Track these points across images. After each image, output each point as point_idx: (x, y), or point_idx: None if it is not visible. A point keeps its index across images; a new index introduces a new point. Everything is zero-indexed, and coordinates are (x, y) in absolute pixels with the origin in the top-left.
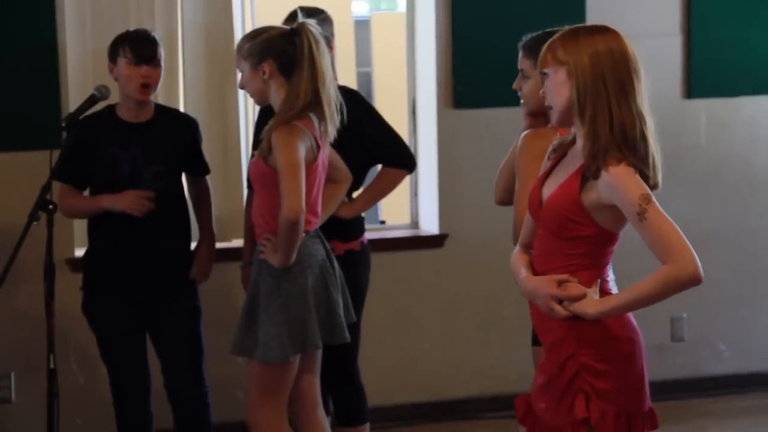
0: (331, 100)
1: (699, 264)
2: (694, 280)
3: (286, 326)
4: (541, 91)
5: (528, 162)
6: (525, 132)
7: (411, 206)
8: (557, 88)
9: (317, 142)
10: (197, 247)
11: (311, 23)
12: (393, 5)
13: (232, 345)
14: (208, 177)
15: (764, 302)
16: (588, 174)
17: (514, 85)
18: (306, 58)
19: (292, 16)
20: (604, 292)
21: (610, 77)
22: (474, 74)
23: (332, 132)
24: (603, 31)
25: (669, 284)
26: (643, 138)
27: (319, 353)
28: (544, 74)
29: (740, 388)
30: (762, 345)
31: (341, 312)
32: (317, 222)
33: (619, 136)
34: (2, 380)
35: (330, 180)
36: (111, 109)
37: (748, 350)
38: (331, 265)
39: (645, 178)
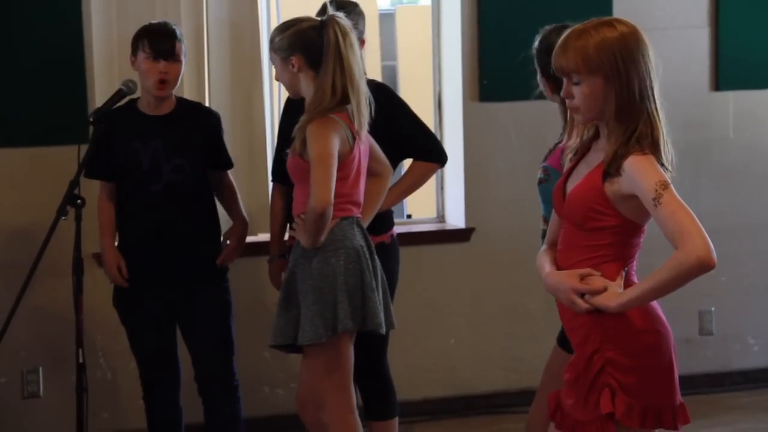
0: (361, 94)
1: (712, 249)
2: (704, 265)
3: (317, 306)
4: (563, 92)
5: None
6: None
7: (437, 200)
8: (594, 96)
9: (353, 134)
10: (229, 232)
11: (340, 15)
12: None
13: (271, 336)
14: (231, 171)
15: None
16: (611, 171)
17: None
18: (332, 51)
19: (323, 10)
20: (629, 285)
21: (634, 79)
22: (500, 67)
23: (365, 125)
24: (610, 25)
25: (680, 270)
26: (659, 135)
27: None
28: (570, 78)
29: None
30: None
31: (377, 299)
32: (358, 213)
33: (642, 136)
34: (31, 375)
35: (372, 173)
36: (132, 102)
37: None
38: (371, 256)
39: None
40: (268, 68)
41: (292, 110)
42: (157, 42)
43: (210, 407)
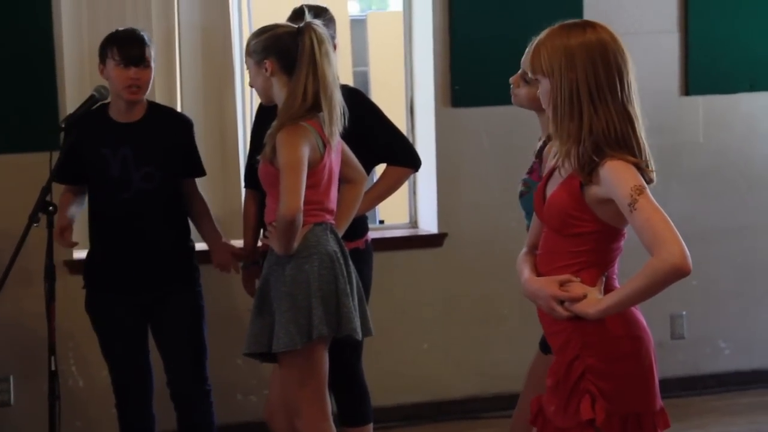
0: (334, 103)
1: (687, 255)
2: (679, 272)
3: (291, 313)
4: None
5: None
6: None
7: (410, 205)
8: (546, 98)
9: (324, 142)
10: (210, 247)
11: (317, 23)
12: (384, 5)
13: (246, 344)
14: (202, 179)
15: (764, 299)
16: (584, 182)
17: (511, 79)
18: (307, 58)
19: (296, 14)
20: (611, 290)
21: (584, 81)
22: (471, 72)
23: (336, 134)
24: (582, 27)
25: (655, 277)
26: (629, 134)
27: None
28: (536, 80)
29: (741, 385)
30: (762, 341)
31: (351, 304)
32: (332, 219)
33: (600, 139)
34: (1, 384)
35: (346, 180)
36: (103, 108)
37: (748, 347)
38: (345, 261)
39: (641, 173)
40: (240, 73)
41: (264, 116)
42: (126, 49)
43: (183, 412)
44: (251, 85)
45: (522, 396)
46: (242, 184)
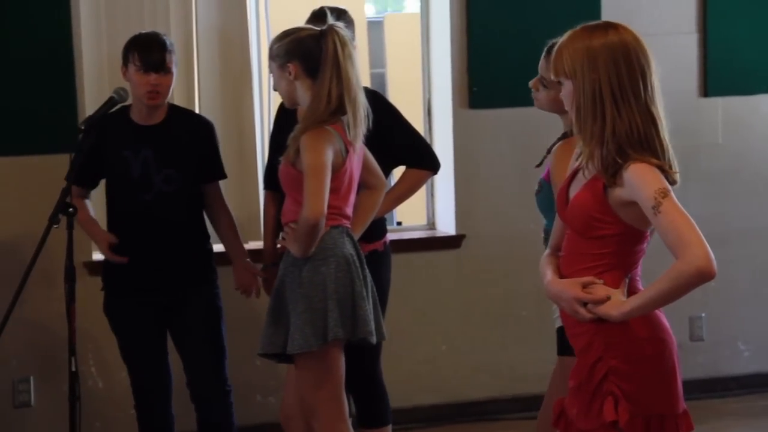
0: (359, 105)
1: (712, 259)
2: (704, 275)
3: (307, 315)
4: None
5: (561, 173)
6: (558, 144)
7: (428, 207)
8: (569, 100)
9: (346, 146)
10: (234, 266)
11: (339, 26)
12: (399, 7)
13: (261, 345)
14: (222, 182)
15: None
16: (608, 184)
17: (531, 84)
18: (330, 61)
19: (316, 16)
20: (634, 292)
21: (606, 82)
22: (489, 74)
23: (360, 137)
24: (604, 28)
25: (680, 280)
26: (652, 135)
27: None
28: (559, 82)
29: (761, 387)
30: None
31: (367, 307)
32: (348, 224)
33: (623, 141)
34: (22, 384)
35: (366, 186)
36: (124, 110)
37: (767, 349)
38: (361, 265)
39: (664, 174)
40: (257, 76)
41: (284, 118)
42: (148, 54)
43: (202, 413)
44: (275, 89)
45: (546, 398)
46: (260, 186)
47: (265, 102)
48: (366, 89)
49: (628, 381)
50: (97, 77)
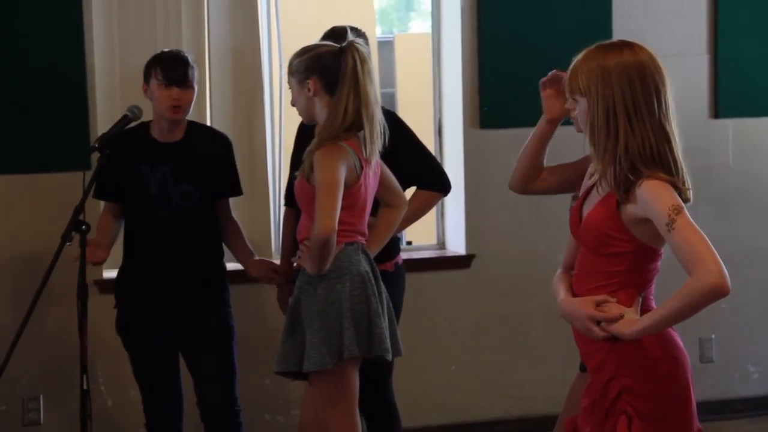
0: (375, 122)
1: (725, 275)
2: (718, 292)
3: (322, 333)
4: (574, 115)
5: None
6: None
7: (437, 226)
8: (583, 118)
9: (362, 163)
10: (244, 263)
11: (360, 42)
12: (405, 27)
13: (276, 362)
14: (233, 200)
15: None
16: (620, 201)
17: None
18: (349, 77)
19: (332, 35)
20: (647, 310)
21: (620, 99)
22: (500, 94)
23: (375, 153)
24: (620, 47)
25: (693, 297)
26: (665, 153)
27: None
28: (575, 99)
29: None
30: None
31: (383, 325)
32: (363, 241)
33: (636, 158)
34: (31, 403)
35: (386, 203)
36: (144, 126)
37: None
38: (377, 282)
39: (678, 191)
40: (269, 94)
41: (305, 135)
42: (170, 69)
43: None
44: (293, 104)
45: (560, 417)
46: (272, 204)
47: (276, 120)
48: (382, 108)
49: (641, 400)
50: (110, 95)
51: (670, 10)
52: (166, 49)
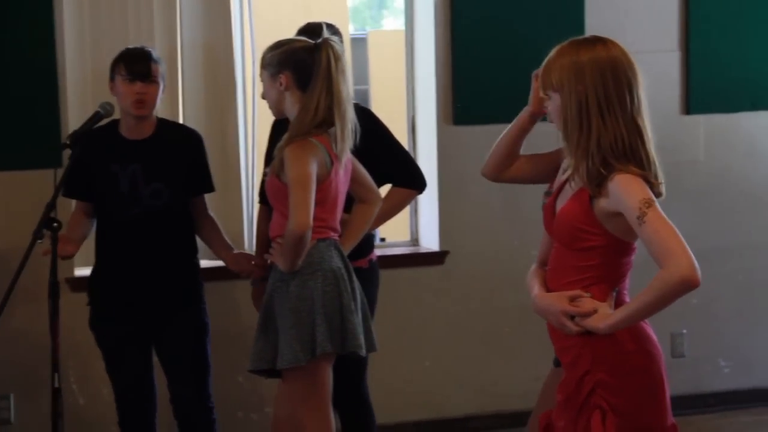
0: (347, 120)
1: (696, 268)
2: (688, 284)
3: (295, 330)
4: (547, 110)
5: None
6: None
7: (411, 223)
8: (556, 114)
9: (332, 159)
10: (223, 258)
11: (334, 39)
12: (378, 25)
13: (250, 361)
14: (206, 196)
15: (764, 317)
16: (593, 195)
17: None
18: (322, 74)
19: (306, 30)
20: (622, 305)
21: (593, 93)
22: (473, 90)
23: (346, 151)
24: (592, 43)
25: (664, 289)
26: (637, 147)
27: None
28: (548, 95)
29: (742, 404)
30: (763, 360)
31: (356, 321)
32: (336, 237)
33: (608, 152)
34: (2, 401)
35: (360, 200)
36: (113, 124)
37: (748, 366)
38: (350, 277)
39: (649, 186)
40: (242, 91)
41: (280, 131)
42: (133, 64)
43: (185, 429)
44: (263, 98)
45: (534, 412)
46: (244, 201)
47: (249, 116)
48: (356, 105)
49: (615, 394)
50: (81, 92)
51: (641, 7)
52: (131, 47)
